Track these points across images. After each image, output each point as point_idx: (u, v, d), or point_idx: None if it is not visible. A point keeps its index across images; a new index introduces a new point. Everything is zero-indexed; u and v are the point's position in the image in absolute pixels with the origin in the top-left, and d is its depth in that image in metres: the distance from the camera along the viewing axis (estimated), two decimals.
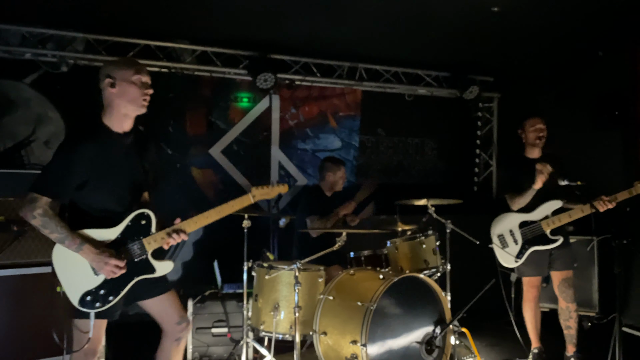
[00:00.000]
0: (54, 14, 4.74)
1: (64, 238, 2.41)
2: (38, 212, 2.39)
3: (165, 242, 2.59)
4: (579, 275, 4.84)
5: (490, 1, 4.44)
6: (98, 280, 2.49)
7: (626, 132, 5.45)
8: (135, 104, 2.55)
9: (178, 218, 2.65)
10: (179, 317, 2.71)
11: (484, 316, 4.97)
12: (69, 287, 2.48)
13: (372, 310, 3.12)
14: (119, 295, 2.53)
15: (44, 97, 5.24)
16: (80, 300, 2.47)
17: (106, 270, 2.45)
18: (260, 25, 5.12)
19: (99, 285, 2.49)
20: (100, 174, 2.51)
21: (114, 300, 2.51)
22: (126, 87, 2.52)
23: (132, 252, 2.56)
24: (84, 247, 2.42)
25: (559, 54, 5.80)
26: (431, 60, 6.34)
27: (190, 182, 5.84)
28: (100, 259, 2.43)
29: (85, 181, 2.48)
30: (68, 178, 2.45)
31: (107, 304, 2.50)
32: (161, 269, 2.63)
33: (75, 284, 2.48)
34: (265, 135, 6.23)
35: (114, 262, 2.45)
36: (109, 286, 2.51)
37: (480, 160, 7.23)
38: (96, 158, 2.48)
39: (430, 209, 4.22)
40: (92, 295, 2.48)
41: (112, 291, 2.51)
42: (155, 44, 5.42)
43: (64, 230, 2.41)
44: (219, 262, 4.49)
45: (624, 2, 4.41)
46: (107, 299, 2.50)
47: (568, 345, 3.93)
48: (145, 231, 2.59)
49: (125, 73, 2.53)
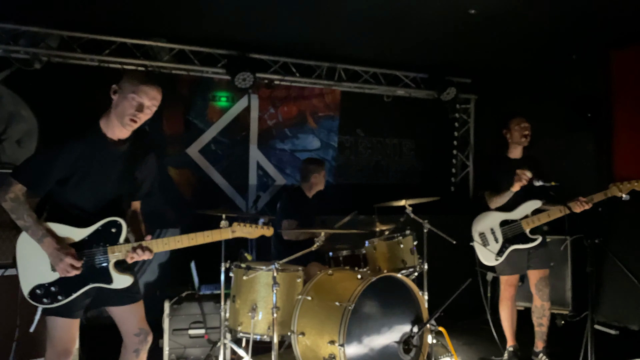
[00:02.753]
0: (26, 9, 4.63)
1: (29, 226, 2.43)
2: (10, 196, 2.42)
3: (129, 256, 2.54)
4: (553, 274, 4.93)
5: (468, 4, 4.49)
6: (53, 276, 2.47)
7: (598, 134, 5.57)
8: (121, 120, 2.50)
9: (149, 235, 2.62)
10: (138, 329, 2.66)
11: (460, 315, 5.03)
12: (23, 276, 2.48)
13: (350, 310, 3.13)
14: (69, 297, 2.48)
15: (16, 95, 5.11)
16: (30, 292, 2.46)
17: (60, 267, 2.42)
18: (239, 24, 5.08)
19: (52, 282, 2.47)
20: (83, 174, 2.49)
21: (62, 301, 2.47)
22: (120, 100, 2.48)
23: (94, 257, 2.52)
24: (45, 240, 2.42)
25: (534, 56, 5.91)
26: (409, 61, 6.39)
27: (167, 182, 5.76)
28: (57, 254, 2.42)
29: (67, 178, 2.47)
30: (47, 172, 2.44)
31: (55, 303, 2.47)
32: (118, 282, 2.56)
33: (29, 275, 2.48)
34: (243, 135, 6.19)
35: (70, 261, 2.42)
36: (61, 285, 2.47)
37: (457, 161, 7.32)
38: (82, 158, 2.47)
39: (408, 209, 4.25)
40: (42, 290, 2.46)
41: (62, 291, 2.48)
42: (131, 42, 5.34)
43: (30, 218, 2.42)
44: (196, 263, 4.45)
45: (597, 7, 4.50)
46: (55, 297, 2.47)
47: (538, 342, 4.01)
48: (113, 239, 2.55)
49: (127, 87, 2.48)
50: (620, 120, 5.43)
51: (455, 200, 7.06)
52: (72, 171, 2.46)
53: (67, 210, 2.52)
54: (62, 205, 2.53)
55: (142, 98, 2.48)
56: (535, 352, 4.02)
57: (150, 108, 2.51)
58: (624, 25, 4.95)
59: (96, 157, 2.51)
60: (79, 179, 2.48)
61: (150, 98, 2.49)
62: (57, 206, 2.54)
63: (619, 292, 5.00)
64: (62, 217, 2.50)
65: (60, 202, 2.53)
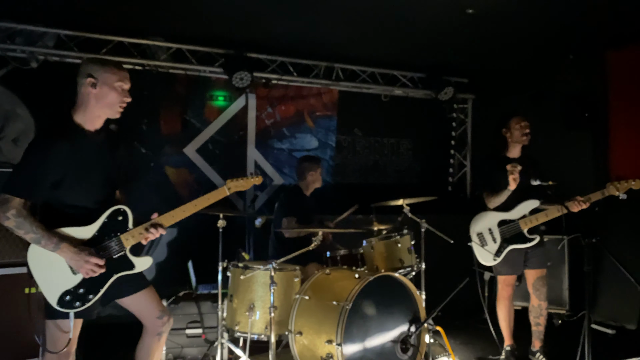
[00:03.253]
0: (23, 7, 4.62)
1: (40, 238, 2.36)
2: (12, 213, 2.33)
3: (143, 237, 2.57)
4: (550, 274, 4.94)
5: (465, 3, 4.49)
6: (76, 279, 2.45)
7: (596, 133, 5.59)
8: (111, 109, 2.55)
9: (155, 213, 2.63)
10: (159, 311, 2.69)
11: (458, 314, 5.03)
12: (46, 287, 2.42)
13: (348, 310, 3.12)
14: (99, 293, 2.49)
15: (12, 94, 5.09)
16: (59, 301, 2.41)
17: (85, 269, 2.40)
18: (237, 24, 5.08)
19: (78, 284, 2.45)
20: (75, 172, 2.47)
21: (94, 299, 2.47)
22: (107, 91, 2.50)
23: (110, 249, 2.52)
24: (61, 246, 2.38)
25: (531, 56, 5.92)
26: (407, 61, 6.39)
27: (164, 182, 5.76)
28: (79, 258, 2.39)
29: (60, 180, 2.44)
30: (42, 178, 2.40)
31: (87, 303, 2.46)
32: (140, 265, 2.61)
33: (52, 284, 2.42)
34: (241, 134, 6.18)
35: (94, 261, 2.41)
36: (88, 284, 2.46)
37: (455, 161, 7.32)
38: (70, 157, 2.44)
39: (406, 208, 4.25)
40: (71, 295, 2.43)
41: (91, 289, 2.47)
42: (129, 41, 5.33)
43: (39, 230, 2.35)
44: (193, 262, 4.44)
45: (594, 7, 4.51)
46: (86, 297, 2.46)
47: (535, 341, 4.02)
48: (122, 227, 2.56)
49: (109, 77, 2.50)
50: (616, 119, 5.44)
51: (452, 200, 7.07)
52: (64, 171, 2.43)
53: (66, 212, 2.48)
54: (59, 209, 2.48)
55: (127, 84, 2.56)
56: (533, 351, 4.02)
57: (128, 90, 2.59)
58: (620, 25, 4.97)
59: (82, 152, 2.50)
60: (72, 178, 2.46)
61: (128, 82, 2.58)
62: (53, 210, 2.47)
63: (616, 292, 5.01)
64: (63, 220, 2.46)
65: (56, 206, 2.48)
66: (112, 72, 2.52)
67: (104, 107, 2.53)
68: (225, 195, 2.77)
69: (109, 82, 2.50)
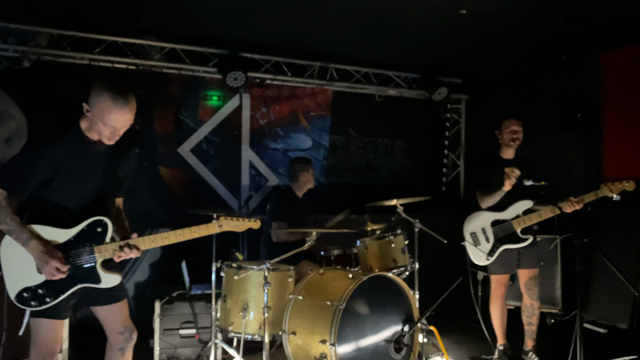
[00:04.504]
0: (15, 6, 4.59)
1: (13, 230, 2.40)
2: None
3: (116, 255, 2.54)
4: (543, 273, 4.96)
5: (459, 4, 4.51)
6: (40, 278, 2.45)
7: (588, 133, 5.62)
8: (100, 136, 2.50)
9: (135, 233, 2.61)
10: (123, 327, 2.67)
11: (451, 314, 5.05)
12: (9, 280, 2.46)
13: (342, 310, 3.13)
14: (58, 299, 2.47)
15: (5, 94, 5.06)
16: (17, 295, 2.45)
17: (46, 270, 2.41)
18: (231, 23, 5.07)
19: (39, 285, 2.45)
20: (66, 175, 2.47)
21: (50, 303, 2.46)
22: (96, 123, 2.43)
23: (81, 257, 2.51)
24: (30, 243, 2.40)
25: (524, 57, 5.95)
26: (401, 61, 6.41)
27: (158, 182, 5.73)
28: (43, 257, 2.40)
29: (50, 180, 2.45)
30: (29, 176, 2.41)
31: (43, 305, 2.45)
32: (107, 281, 2.56)
33: (16, 278, 2.45)
34: (235, 134, 6.18)
35: (56, 264, 2.40)
36: (48, 287, 2.46)
37: (449, 161, 7.35)
38: (64, 160, 2.44)
39: (399, 208, 4.26)
40: (29, 293, 2.45)
41: (50, 293, 2.46)
42: (122, 41, 5.31)
43: (13, 222, 2.39)
44: (187, 262, 4.43)
45: (587, 8, 4.54)
46: (43, 299, 2.45)
47: (527, 340, 4.05)
48: (98, 239, 2.54)
49: (99, 113, 2.39)
50: (609, 120, 5.48)
51: (446, 200, 7.09)
52: (54, 173, 2.44)
53: (51, 211, 2.49)
54: (45, 207, 2.49)
55: (116, 124, 2.44)
56: (525, 350, 4.05)
57: (125, 127, 2.49)
58: (613, 26, 5.00)
59: (78, 157, 2.49)
60: (62, 180, 2.46)
61: (122, 121, 2.45)
62: (39, 207, 2.50)
63: (608, 291, 5.04)
64: (45, 219, 2.47)
65: (42, 204, 2.50)
66: (103, 110, 2.38)
67: (95, 131, 2.48)
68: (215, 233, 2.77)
69: (98, 117, 2.40)
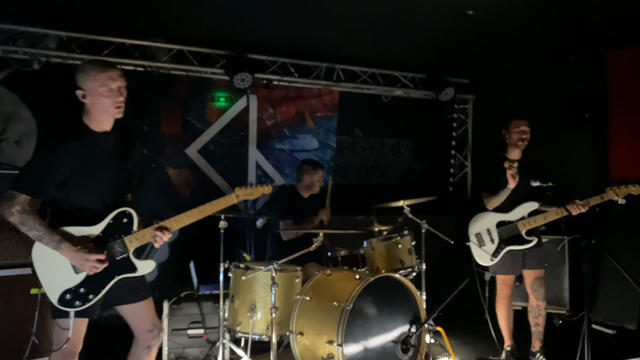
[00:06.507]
0: (25, 9, 4.64)
1: (43, 235, 2.40)
2: (16, 209, 2.38)
3: (156, 240, 2.60)
4: (550, 274, 4.96)
5: (465, 5, 4.51)
6: (78, 278, 2.48)
7: (595, 134, 5.59)
8: (108, 113, 2.54)
9: (156, 219, 2.64)
10: (151, 324, 2.70)
11: (458, 315, 5.04)
12: (48, 285, 2.46)
13: (349, 310, 3.14)
14: (100, 294, 2.51)
15: (14, 95, 5.10)
16: (59, 299, 2.45)
17: (87, 266, 2.43)
18: (238, 25, 5.09)
19: (79, 284, 2.48)
20: (83, 172, 2.49)
21: (94, 299, 2.49)
22: (96, 99, 2.49)
23: (113, 250, 2.54)
24: (62, 245, 2.41)
25: (532, 57, 5.93)
26: (408, 62, 6.40)
27: (165, 182, 5.76)
28: (80, 256, 2.42)
29: (67, 179, 2.47)
30: (49, 176, 2.44)
31: (87, 303, 2.48)
32: (142, 268, 2.63)
33: (54, 283, 2.46)
34: (242, 135, 6.20)
35: (95, 257, 2.43)
36: (89, 284, 2.49)
37: (456, 161, 7.33)
38: (79, 157, 2.47)
39: (406, 209, 4.26)
40: (71, 294, 2.46)
41: (92, 290, 2.50)
42: (130, 42, 5.34)
43: (42, 227, 2.40)
44: (195, 263, 4.45)
45: (594, 8, 4.52)
46: (87, 297, 2.48)
47: (534, 341, 4.04)
48: (126, 229, 2.58)
49: (92, 85, 2.48)
50: (616, 121, 5.45)
51: (453, 201, 7.07)
52: (72, 171, 2.46)
53: (72, 212, 2.51)
54: (66, 208, 2.52)
55: (115, 82, 2.50)
56: (533, 351, 4.04)
57: (123, 85, 2.54)
58: (620, 25, 4.97)
59: (91, 153, 2.52)
60: (78, 179, 2.49)
61: (116, 78, 2.51)
62: (60, 210, 2.52)
63: (615, 292, 5.01)
64: (68, 220, 2.49)
65: (62, 205, 2.52)
66: (94, 78, 2.48)
67: (101, 112, 2.53)
68: (234, 203, 2.78)
69: (94, 90, 2.48)
